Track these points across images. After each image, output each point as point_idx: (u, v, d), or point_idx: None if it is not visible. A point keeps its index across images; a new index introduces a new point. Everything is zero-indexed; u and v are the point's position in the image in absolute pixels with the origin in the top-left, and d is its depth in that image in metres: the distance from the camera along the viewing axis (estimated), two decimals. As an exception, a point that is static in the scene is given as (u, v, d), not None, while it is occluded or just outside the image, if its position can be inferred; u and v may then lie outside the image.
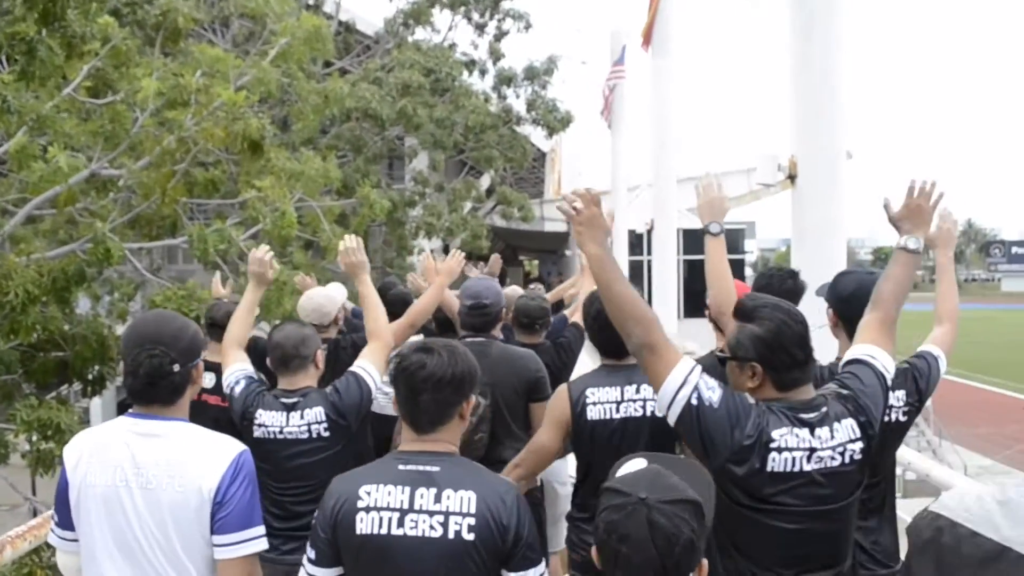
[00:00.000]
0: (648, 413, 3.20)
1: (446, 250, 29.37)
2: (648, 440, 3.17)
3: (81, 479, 2.38)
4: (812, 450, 2.29)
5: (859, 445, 2.35)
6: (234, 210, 10.67)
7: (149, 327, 2.46)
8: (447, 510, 2.22)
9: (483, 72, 21.12)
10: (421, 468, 2.28)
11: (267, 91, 9.54)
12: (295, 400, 3.48)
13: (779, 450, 2.27)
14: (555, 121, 21.38)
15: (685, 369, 2.31)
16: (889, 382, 2.50)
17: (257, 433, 3.48)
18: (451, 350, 2.37)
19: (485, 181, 25.29)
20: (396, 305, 4.66)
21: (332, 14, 21.60)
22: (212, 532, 2.33)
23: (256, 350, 4.05)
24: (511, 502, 2.27)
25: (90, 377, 12.52)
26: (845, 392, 2.41)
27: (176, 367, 2.38)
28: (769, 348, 2.35)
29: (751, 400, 2.38)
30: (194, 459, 2.34)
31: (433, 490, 2.24)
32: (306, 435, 3.46)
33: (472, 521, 2.21)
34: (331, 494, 2.33)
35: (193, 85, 9.18)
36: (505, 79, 21.12)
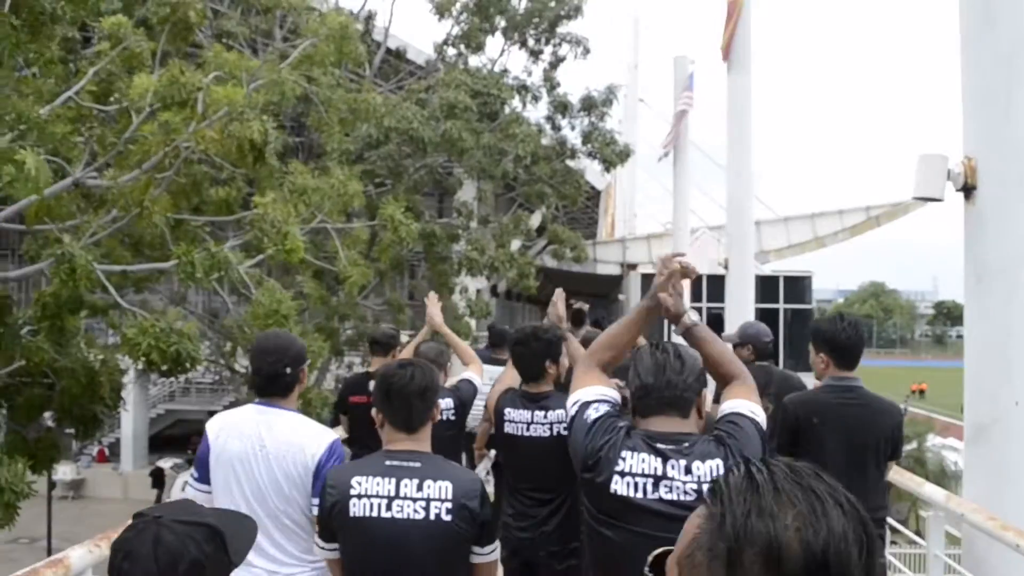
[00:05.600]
0: (555, 434, 3.77)
1: (493, 290, 28.02)
2: (559, 456, 3.27)
3: (221, 446, 3.19)
4: (659, 478, 2.34)
5: None
6: (243, 229, 9.32)
7: (269, 341, 3.39)
8: (428, 497, 2.68)
9: (536, 99, 19.67)
10: (405, 464, 2.74)
11: (281, 93, 8.16)
12: None
13: (622, 473, 2.36)
14: (613, 154, 19.79)
15: (590, 392, 2.59)
16: (765, 432, 2.51)
17: None
18: (422, 367, 2.89)
19: (536, 220, 23.76)
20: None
21: (380, 41, 20.49)
22: (312, 494, 3.09)
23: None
24: (479, 491, 2.76)
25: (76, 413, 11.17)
26: (722, 437, 2.44)
27: (288, 370, 3.20)
28: (634, 375, 2.48)
29: (621, 424, 2.48)
30: (304, 438, 3.16)
31: (416, 480, 2.71)
32: (439, 418, 4.43)
33: (450, 505, 2.69)
34: (328, 483, 2.78)
35: (194, 83, 7.82)
36: (560, 107, 19.64)
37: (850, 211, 36.57)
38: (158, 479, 27.76)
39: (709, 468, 2.33)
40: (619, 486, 2.35)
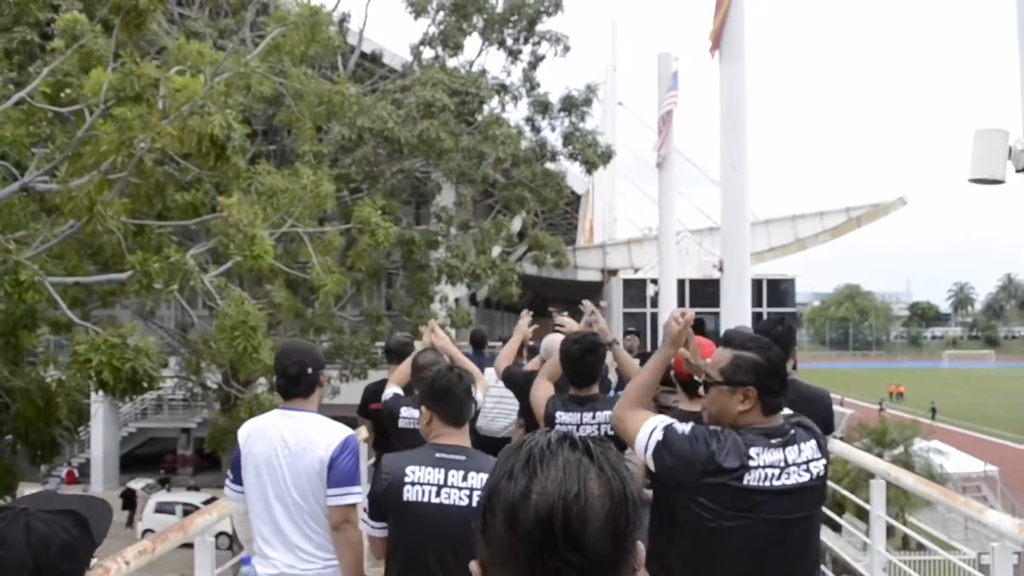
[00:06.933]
0: (603, 433, 3.89)
1: (472, 298, 27.30)
2: None
3: (248, 450, 3.51)
4: (784, 467, 2.60)
5: (822, 463, 2.69)
6: (210, 236, 8.63)
7: (292, 345, 3.78)
8: (472, 486, 3.00)
9: (516, 99, 19.07)
10: (452, 456, 3.07)
11: (248, 87, 7.50)
12: None
13: (756, 467, 2.57)
14: (595, 155, 19.24)
15: (657, 418, 2.74)
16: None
17: (401, 424, 4.89)
18: (464, 371, 3.29)
19: (516, 225, 23.17)
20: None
21: (355, 45, 19.84)
22: (327, 485, 3.43)
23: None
24: None
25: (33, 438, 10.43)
26: (801, 422, 2.76)
27: (310, 370, 3.52)
28: (767, 374, 2.66)
29: (716, 428, 2.67)
30: (319, 436, 3.45)
31: (462, 472, 3.03)
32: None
33: None
34: (383, 469, 3.11)
35: (149, 75, 7.15)
36: (541, 107, 19.05)
37: (831, 213, 36.33)
38: (129, 500, 26.79)
39: (810, 448, 2.67)
40: (752, 479, 2.57)
